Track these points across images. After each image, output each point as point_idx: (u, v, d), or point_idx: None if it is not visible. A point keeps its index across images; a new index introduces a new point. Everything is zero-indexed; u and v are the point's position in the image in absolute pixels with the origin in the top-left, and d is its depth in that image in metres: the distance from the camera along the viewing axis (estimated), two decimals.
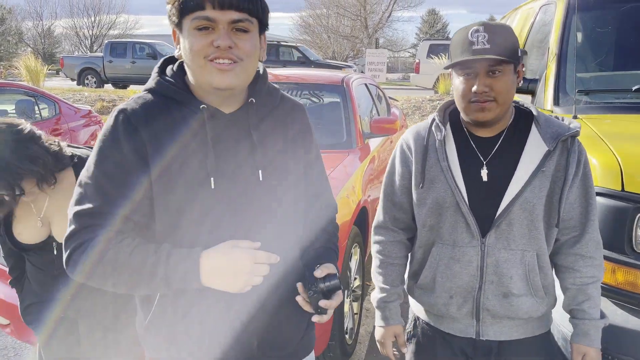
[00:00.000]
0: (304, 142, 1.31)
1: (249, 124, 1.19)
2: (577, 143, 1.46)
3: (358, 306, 3.19)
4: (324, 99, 4.17)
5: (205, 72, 1.10)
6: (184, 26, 1.11)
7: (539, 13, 3.66)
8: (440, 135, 1.50)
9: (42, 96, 5.97)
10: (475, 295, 1.49)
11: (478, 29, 1.37)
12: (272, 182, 1.20)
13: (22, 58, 13.31)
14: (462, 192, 1.46)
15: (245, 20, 1.10)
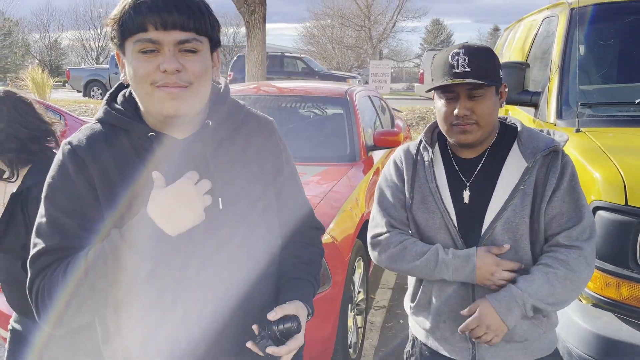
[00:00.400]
0: (274, 162, 1.24)
1: (204, 149, 1.11)
2: (561, 156, 1.42)
3: (362, 320, 3.17)
4: (328, 111, 4.19)
5: (153, 99, 1.02)
6: (126, 49, 1.02)
7: (542, 25, 3.68)
8: (428, 156, 1.51)
9: (48, 109, 6.00)
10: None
11: (458, 51, 1.36)
12: (235, 209, 1.13)
13: (29, 70, 13.43)
14: (451, 215, 1.47)
15: (193, 40, 1.02)
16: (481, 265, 1.40)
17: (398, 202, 1.55)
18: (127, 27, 1.00)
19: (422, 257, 1.45)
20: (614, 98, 2.88)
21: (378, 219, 1.58)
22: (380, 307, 3.79)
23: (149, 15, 0.98)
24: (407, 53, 42.70)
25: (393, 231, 1.53)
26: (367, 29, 32.65)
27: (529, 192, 1.41)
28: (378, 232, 1.56)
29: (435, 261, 1.44)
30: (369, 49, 32.17)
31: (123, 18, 1.00)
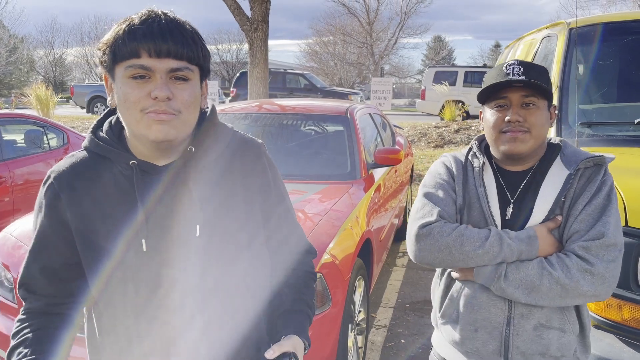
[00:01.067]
0: (262, 187, 1.21)
1: (186, 176, 1.10)
2: (604, 173, 1.39)
3: (363, 340, 3.14)
4: (329, 129, 4.20)
5: (141, 125, 1.02)
6: (116, 73, 1.02)
7: (541, 44, 3.70)
8: (478, 162, 1.49)
9: (51, 126, 6.05)
10: (503, 330, 1.41)
11: (513, 62, 1.38)
12: (212, 237, 1.10)
13: (33, 87, 13.52)
14: (497, 222, 1.44)
15: (185, 68, 1.02)
16: (544, 246, 1.37)
17: (450, 199, 1.48)
18: (119, 52, 1.00)
19: (485, 242, 1.37)
20: (613, 118, 2.89)
21: (427, 209, 1.46)
22: (382, 327, 3.76)
23: (143, 42, 0.98)
24: (409, 69, 43.00)
25: (442, 220, 1.43)
26: (369, 45, 32.91)
27: (567, 202, 1.38)
28: (428, 221, 1.43)
29: (499, 244, 1.36)
30: (371, 65, 32.39)
31: (116, 43, 1.00)
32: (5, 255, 2.75)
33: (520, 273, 1.35)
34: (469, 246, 1.38)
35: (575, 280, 1.31)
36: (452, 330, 1.50)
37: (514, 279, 1.35)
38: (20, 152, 5.53)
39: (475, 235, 1.39)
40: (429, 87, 18.30)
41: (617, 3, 22.34)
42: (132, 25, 1.00)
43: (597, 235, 1.32)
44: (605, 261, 1.31)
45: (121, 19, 1.05)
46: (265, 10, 8.86)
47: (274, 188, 1.24)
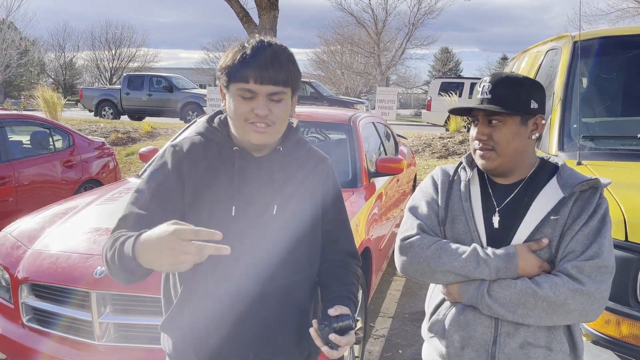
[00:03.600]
0: (323, 191, 1.48)
1: (273, 166, 1.40)
2: (599, 196, 1.39)
3: (360, 349, 3.12)
4: (331, 137, 4.21)
5: (244, 131, 1.33)
6: (230, 89, 1.32)
7: (546, 57, 3.70)
8: (466, 176, 1.52)
9: (57, 128, 6.08)
10: (489, 349, 1.41)
11: (486, 79, 1.43)
12: (285, 217, 1.39)
13: (40, 90, 13.61)
14: (481, 236, 1.44)
15: (280, 92, 1.31)
16: (524, 265, 1.37)
17: (432, 213, 1.52)
18: (233, 76, 1.30)
19: (461, 256, 1.39)
20: (616, 131, 2.87)
21: (409, 223, 1.52)
22: (380, 337, 3.73)
23: (251, 71, 1.27)
24: (415, 80, 43.00)
25: (423, 234, 1.47)
26: (377, 55, 32.98)
27: (562, 222, 1.38)
28: (408, 235, 1.48)
29: (476, 261, 1.37)
30: (378, 75, 32.45)
31: (232, 69, 1.30)
32: (3, 256, 2.75)
33: (505, 291, 1.35)
34: (446, 259, 1.40)
35: (563, 298, 1.31)
36: (440, 345, 1.51)
37: (498, 297, 1.36)
38: (26, 153, 5.56)
39: (453, 249, 1.42)
40: (435, 97, 18.31)
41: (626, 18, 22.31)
42: (245, 56, 1.28)
43: (592, 256, 1.33)
44: (596, 282, 1.31)
45: (236, 44, 1.36)
46: (273, 18, 8.92)
47: (335, 195, 1.52)
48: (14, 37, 35.53)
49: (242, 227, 1.35)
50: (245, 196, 1.37)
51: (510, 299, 1.34)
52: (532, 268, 1.37)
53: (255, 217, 1.37)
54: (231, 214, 1.34)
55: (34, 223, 3.02)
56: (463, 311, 1.44)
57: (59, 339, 2.44)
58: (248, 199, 1.37)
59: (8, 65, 35.25)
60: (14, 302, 2.61)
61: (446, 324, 1.47)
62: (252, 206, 1.37)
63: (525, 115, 1.40)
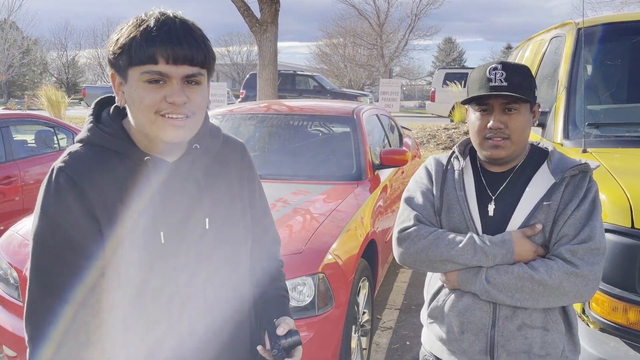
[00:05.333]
0: (248, 181, 1.31)
1: (194, 171, 1.16)
2: (589, 180, 1.44)
3: (367, 341, 3.13)
4: (335, 130, 4.20)
5: (155, 127, 1.04)
6: (130, 76, 1.03)
7: (550, 45, 3.67)
8: (459, 165, 1.53)
9: (61, 127, 6.10)
10: (488, 332, 1.45)
11: (496, 66, 1.40)
12: (219, 228, 1.18)
13: (44, 89, 13.65)
14: (477, 224, 1.47)
15: (198, 74, 1.05)
16: (520, 251, 1.41)
17: (428, 203, 1.54)
18: (136, 56, 1.01)
19: (458, 245, 1.42)
20: (621, 118, 2.85)
21: (405, 214, 1.55)
22: (387, 328, 3.74)
23: (161, 48, 1.00)
24: (419, 71, 42.88)
25: (420, 224, 1.50)
26: (379, 47, 32.86)
27: (554, 207, 1.42)
28: (406, 226, 1.51)
29: (473, 249, 1.41)
30: (381, 67, 32.33)
31: (132, 47, 1.01)
32: (11, 254, 2.77)
33: (502, 277, 1.39)
34: (444, 248, 1.43)
35: (558, 281, 1.35)
36: (439, 330, 1.54)
37: (496, 283, 1.40)
38: (31, 152, 5.58)
39: (450, 238, 1.45)
40: (439, 88, 18.24)
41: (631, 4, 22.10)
42: (148, 30, 1.01)
43: (585, 239, 1.37)
44: (589, 264, 1.36)
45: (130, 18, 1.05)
46: (275, 11, 8.88)
47: (257, 183, 1.35)
48: (16, 36, 35.62)
49: (176, 254, 1.11)
50: (171, 215, 1.10)
51: (507, 284, 1.39)
52: (527, 253, 1.41)
53: (188, 237, 1.13)
54: (160, 241, 1.09)
55: None
56: (462, 297, 1.48)
57: None
58: (175, 218, 1.11)
59: (11, 65, 35.35)
60: (22, 300, 2.63)
61: (445, 310, 1.51)
62: (181, 226, 1.12)
63: (534, 103, 1.45)
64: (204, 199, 1.16)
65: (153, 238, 1.09)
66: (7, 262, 2.74)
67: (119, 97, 1.09)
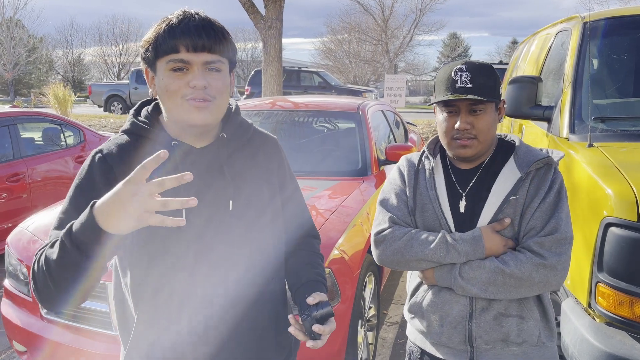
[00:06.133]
0: (278, 174, 1.38)
1: (219, 157, 1.25)
2: (553, 171, 1.48)
3: (373, 336, 3.14)
4: (340, 126, 4.20)
5: (181, 111, 1.15)
6: (158, 67, 1.16)
7: (556, 39, 3.66)
8: (429, 165, 1.58)
9: (68, 124, 6.14)
10: (465, 324, 1.50)
11: (461, 68, 1.43)
12: (243, 211, 1.25)
13: (51, 87, 13.73)
14: (449, 222, 1.52)
15: (217, 61, 1.16)
16: (490, 246, 1.45)
17: (402, 203, 1.59)
18: (161, 48, 1.13)
19: (431, 244, 1.47)
20: (627, 112, 2.84)
21: (381, 217, 1.59)
22: (393, 323, 3.76)
23: (181, 39, 1.12)
24: (424, 66, 42.68)
25: (395, 226, 1.55)
26: (384, 43, 32.77)
27: (521, 201, 1.46)
28: (381, 229, 1.57)
29: (445, 247, 1.46)
30: (386, 62, 32.24)
31: (158, 40, 1.14)
32: (20, 250, 2.80)
33: (475, 272, 1.45)
34: (417, 248, 1.49)
35: (528, 273, 1.41)
36: (420, 324, 1.61)
37: (470, 278, 1.45)
38: (38, 149, 5.62)
39: (423, 238, 1.50)
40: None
41: None
42: (171, 24, 1.14)
43: (551, 231, 1.42)
44: (556, 254, 1.41)
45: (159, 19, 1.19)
46: (279, 8, 8.88)
47: (289, 178, 1.43)
48: (21, 34, 35.74)
49: (198, 231, 1.19)
50: (195, 195, 1.15)
51: (480, 279, 1.44)
52: (497, 247, 1.46)
53: (211, 217, 1.21)
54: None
55: (50, 218, 3.06)
56: (439, 292, 1.53)
57: (78, 330, 2.49)
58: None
59: (17, 63, 35.50)
60: (32, 295, 2.66)
61: (424, 305, 1.57)
62: (205, 206, 1.19)
63: (499, 101, 1.50)
64: (228, 184, 1.24)
65: (175, 215, 1.17)
66: (17, 258, 2.77)
67: (151, 90, 1.22)
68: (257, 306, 1.28)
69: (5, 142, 5.11)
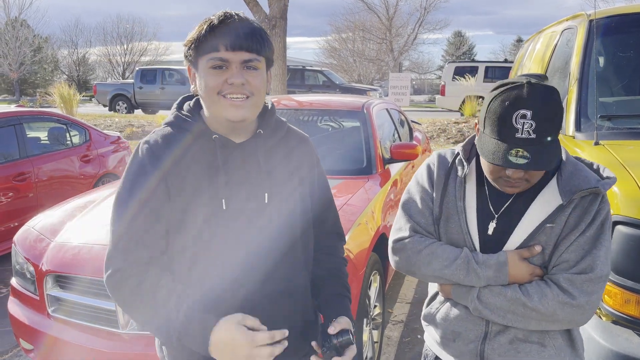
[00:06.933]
0: (309, 171, 1.43)
1: (257, 152, 1.31)
2: (600, 201, 1.30)
3: (378, 334, 3.14)
4: (345, 124, 4.20)
5: (220, 107, 1.22)
6: (199, 65, 1.23)
7: (561, 37, 3.64)
8: (461, 172, 1.41)
9: (74, 123, 6.16)
10: (478, 345, 1.42)
11: (525, 114, 1.17)
12: (277, 204, 1.32)
13: (56, 86, 13.79)
14: (474, 240, 1.40)
15: (255, 59, 1.22)
16: (515, 273, 1.34)
17: (427, 209, 1.46)
18: (202, 47, 1.21)
19: (452, 264, 1.36)
20: (634, 110, 2.83)
21: (401, 222, 1.48)
22: (398, 322, 3.76)
23: (221, 38, 1.19)
24: (428, 65, 42.59)
25: (416, 235, 1.44)
26: (389, 41, 32.70)
27: (557, 231, 1.31)
28: (401, 237, 1.46)
29: (465, 269, 1.35)
30: (391, 61, 32.18)
31: (199, 40, 1.21)
32: (27, 249, 2.81)
33: (495, 298, 1.34)
34: (437, 265, 1.39)
35: (552, 310, 1.29)
36: (435, 333, 1.54)
37: (488, 303, 1.35)
38: (44, 148, 5.64)
39: (444, 255, 1.38)
40: (449, 82, 18.14)
41: None
42: (212, 24, 1.21)
43: (585, 269, 1.28)
44: (587, 293, 1.28)
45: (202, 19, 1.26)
46: (284, 7, 8.88)
47: (318, 175, 1.47)
48: (27, 34, 35.87)
49: (236, 220, 1.27)
50: (234, 187, 1.27)
51: (499, 306, 1.34)
52: (523, 276, 1.34)
53: (248, 208, 1.28)
54: (222, 207, 1.25)
55: (56, 217, 3.08)
56: (454, 307, 1.45)
57: (84, 328, 2.50)
58: (237, 189, 1.27)
59: (22, 63, 35.64)
60: (39, 294, 2.67)
61: (438, 317, 1.50)
62: (242, 197, 1.28)
63: None
64: (264, 178, 1.30)
65: (215, 204, 1.25)
66: (24, 256, 2.79)
67: (193, 86, 1.29)
68: (284, 298, 1.33)
69: (12, 142, 5.13)
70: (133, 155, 1.30)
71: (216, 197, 1.25)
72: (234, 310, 1.24)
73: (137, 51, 44.97)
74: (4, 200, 4.80)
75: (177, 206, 1.25)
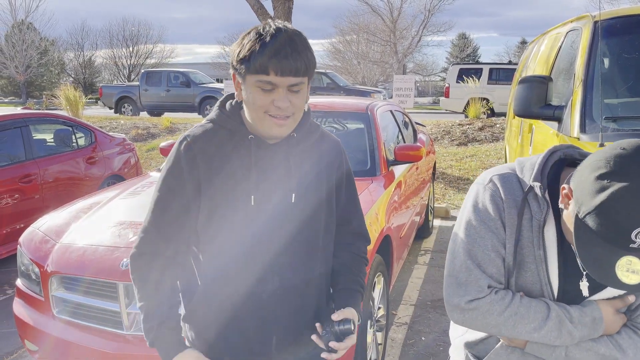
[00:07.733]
0: (337, 174, 1.50)
1: (288, 153, 1.39)
2: None
3: (382, 336, 3.14)
4: (349, 126, 4.20)
5: (264, 124, 1.31)
6: (247, 80, 1.28)
7: (566, 38, 3.63)
8: (540, 213, 1.18)
9: (79, 125, 6.18)
10: None
11: None
12: (303, 204, 1.39)
13: (62, 89, 13.87)
14: (554, 290, 1.23)
15: (300, 83, 1.28)
16: (608, 327, 1.20)
17: (499, 259, 1.23)
18: (253, 67, 1.25)
19: (542, 327, 1.18)
20: (639, 112, 2.81)
21: (473, 276, 1.23)
22: (402, 324, 3.75)
23: (272, 62, 1.23)
24: (433, 67, 42.56)
25: (492, 293, 1.22)
26: (393, 43, 32.70)
27: None
28: (474, 297, 1.22)
29: (558, 331, 1.18)
30: (395, 63, 32.17)
31: (251, 59, 1.25)
32: (32, 250, 2.83)
33: (583, 354, 1.20)
34: (524, 328, 1.19)
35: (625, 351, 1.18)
36: None
37: (575, 358, 1.21)
38: (50, 150, 5.67)
39: (531, 315, 1.19)
40: (453, 84, 18.11)
41: None
42: (264, 45, 1.23)
43: None
44: None
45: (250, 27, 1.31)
46: (288, 9, 8.91)
47: (346, 176, 1.54)
48: (33, 37, 36.11)
49: (262, 216, 1.35)
50: (263, 185, 1.35)
51: None
52: (615, 328, 1.21)
53: (275, 206, 1.36)
54: (250, 203, 1.34)
55: (61, 218, 3.10)
56: (522, 356, 1.27)
57: (89, 329, 2.51)
58: (266, 187, 1.36)
59: (29, 66, 35.89)
60: (44, 295, 2.68)
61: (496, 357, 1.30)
62: (270, 195, 1.36)
63: None
64: (293, 178, 1.38)
65: (245, 199, 1.34)
66: (29, 258, 2.80)
67: (237, 93, 1.37)
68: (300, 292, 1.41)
69: (18, 144, 5.16)
70: (174, 147, 1.40)
71: (246, 192, 1.34)
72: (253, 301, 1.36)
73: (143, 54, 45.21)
74: (10, 201, 4.83)
75: (207, 199, 1.34)
